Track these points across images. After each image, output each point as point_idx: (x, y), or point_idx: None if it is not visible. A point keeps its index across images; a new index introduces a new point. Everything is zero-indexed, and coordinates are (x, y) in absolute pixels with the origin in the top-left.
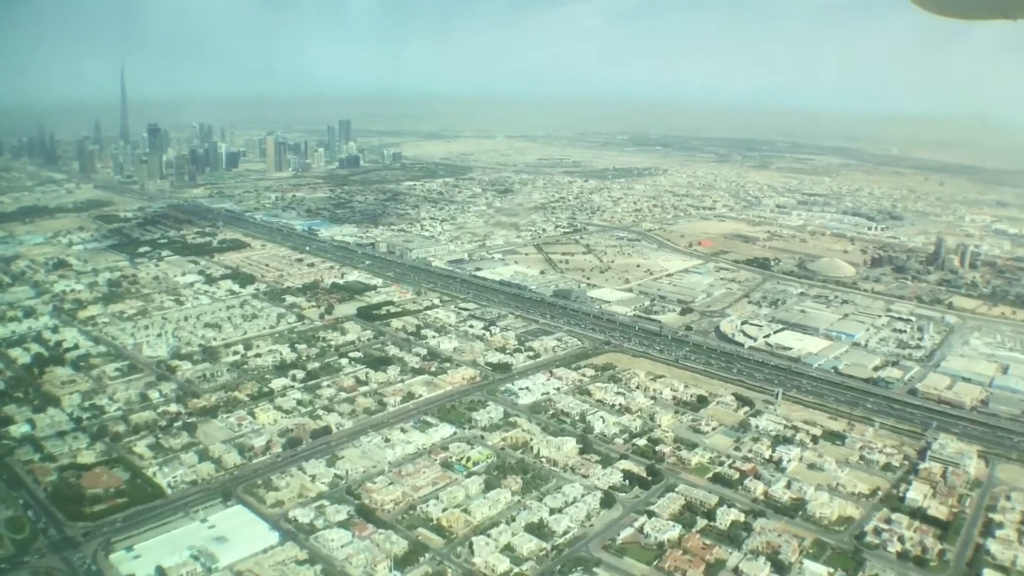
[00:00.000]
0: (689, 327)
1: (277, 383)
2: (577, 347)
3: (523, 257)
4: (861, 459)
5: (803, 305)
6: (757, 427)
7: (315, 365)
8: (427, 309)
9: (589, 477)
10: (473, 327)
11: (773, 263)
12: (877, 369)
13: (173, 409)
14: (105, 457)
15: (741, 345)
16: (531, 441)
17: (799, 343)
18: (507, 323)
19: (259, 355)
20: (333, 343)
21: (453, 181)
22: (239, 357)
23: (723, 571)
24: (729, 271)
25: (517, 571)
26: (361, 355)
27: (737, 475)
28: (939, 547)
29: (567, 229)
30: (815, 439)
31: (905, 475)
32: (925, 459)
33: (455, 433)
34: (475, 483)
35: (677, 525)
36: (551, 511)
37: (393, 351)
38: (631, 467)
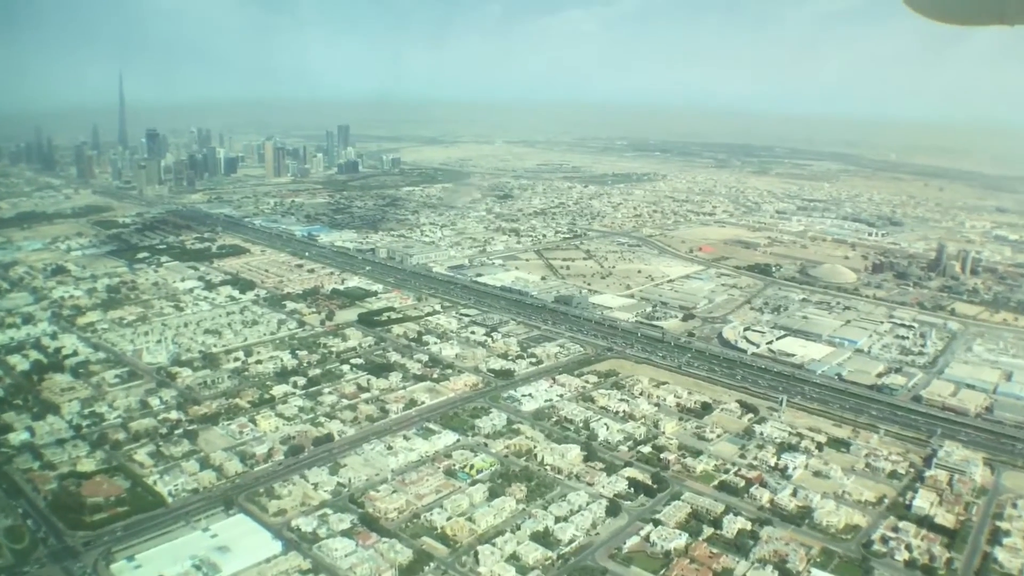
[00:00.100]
0: (691, 333)
1: (278, 390)
2: (579, 353)
3: (524, 263)
4: (867, 467)
5: (805, 311)
6: (762, 434)
7: (316, 372)
8: (428, 315)
9: (594, 485)
10: (475, 333)
11: (774, 269)
12: (881, 376)
13: (174, 416)
14: (105, 465)
15: (744, 351)
16: (535, 448)
17: (802, 349)
18: (509, 329)
19: (260, 361)
20: (334, 349)
21: (452, 186)
22: (240, 364)
23: None
24: (730, 277)
25: None
26: (362, 361)
27: (743, 483)
28: (947, 555)
29: (567, 234)
30: (820, 446)
31: (911, 483)
32: (931, 466)
33: (458, 440)
34: (479, 491)
35: (684, 534)
36: (556, 519)
37: (395, 357)
38: (636, 475)
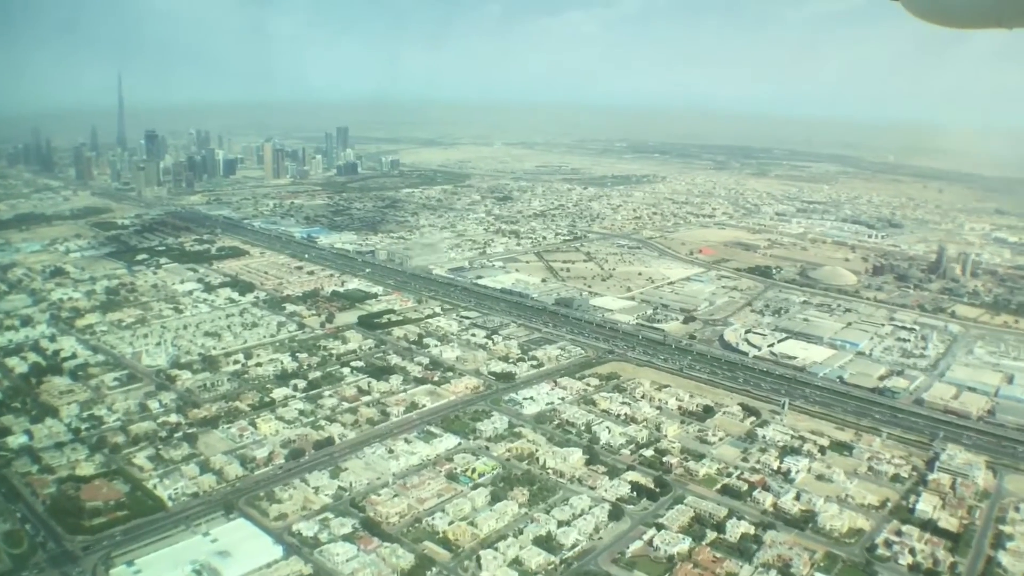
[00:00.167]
0: (693, 336)
1: (278, 393)
2: (580, 356)
3: (524, 265)
4: (869, 470)
5: (806, 314)
6: (764, 437)
7: (316, 374)
8: (429, 317)
9: (596, 489)
10: (475, 336)
11: (775, 271)
12: (882, 378)
13: (173, 419)
14: (104, 469)
15: (745, 354)
16: (537, 452)
17: (803, 352)
18: (509, 332)
19: (260, 364)
20: (334, 352)
21: (452, 188)
22: (239, 366)
23: None
24: (731, 279)
25: None
26: (363, 364)
27: (746, 486)
28: (950, 559)
29: (567, 237)
30: (823, 449)
31: (914, 486)
32: (933, 470)
33: (460, 444)
34: (481, 495)
35: (687, 538)
36: (559, 524)
37: (395, 360)
38: (638, 478)
